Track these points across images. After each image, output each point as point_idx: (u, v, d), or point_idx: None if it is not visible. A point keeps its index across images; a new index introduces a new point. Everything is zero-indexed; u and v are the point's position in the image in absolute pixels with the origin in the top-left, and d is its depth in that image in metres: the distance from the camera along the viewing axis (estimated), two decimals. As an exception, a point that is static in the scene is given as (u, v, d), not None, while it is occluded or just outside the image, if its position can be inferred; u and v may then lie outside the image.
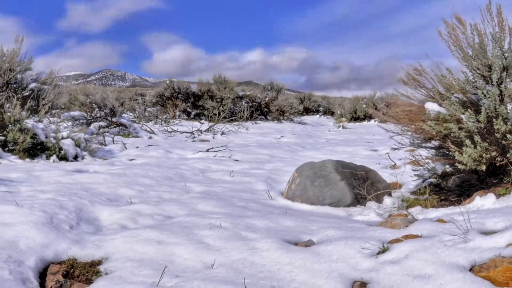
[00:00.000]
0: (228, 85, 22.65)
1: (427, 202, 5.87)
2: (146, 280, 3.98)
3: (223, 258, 4.46)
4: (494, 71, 5.67)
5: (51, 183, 7.25)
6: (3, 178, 7.36)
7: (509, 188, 5.27)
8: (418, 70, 6.30)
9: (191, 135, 16.28)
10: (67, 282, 4.16)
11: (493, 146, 5.54)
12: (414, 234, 4.57)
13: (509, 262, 3.46)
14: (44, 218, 5.25)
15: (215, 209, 6.03)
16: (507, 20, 5.72)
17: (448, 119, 5.82)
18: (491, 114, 5.49)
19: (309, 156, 11.50)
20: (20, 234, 4.70)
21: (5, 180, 7.21)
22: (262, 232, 5.12)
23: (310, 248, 4.63)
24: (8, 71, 11.35)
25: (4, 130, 9.90)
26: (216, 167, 9.78)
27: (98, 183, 7.34)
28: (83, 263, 4.45)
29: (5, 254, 4.27)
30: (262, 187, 7.55)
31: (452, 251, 3.95)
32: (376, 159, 10.72)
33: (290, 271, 4.17)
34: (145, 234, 5.01)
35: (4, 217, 5.10)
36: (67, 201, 6.06)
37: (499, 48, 5.72)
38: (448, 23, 6.03)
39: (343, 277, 3.98)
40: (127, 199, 6.50)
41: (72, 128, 11.31)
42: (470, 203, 5.20)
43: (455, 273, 3.55)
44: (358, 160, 10.14)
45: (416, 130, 6.42)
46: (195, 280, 3.96)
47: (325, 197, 6.44)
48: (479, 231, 4.27)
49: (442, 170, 6.56)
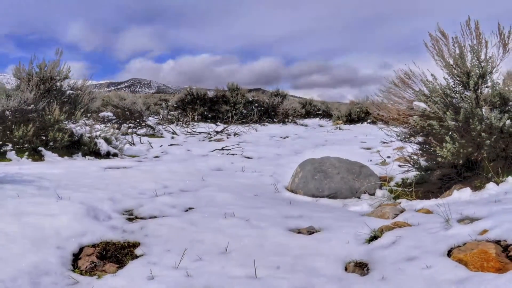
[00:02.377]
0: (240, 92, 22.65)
1: (412, 193, 5.87)
2: (171, 261, 4.01)
3: (236, 243, 4.49)
4: (471, 78, 5.71)
5: (87, 178, 7.29)
6: (47, 173, 7.40)
7: (484, 182, 5.27)
8: (408, 74, 6.34)
9: (208, 135, 16.30)
10: (101, 263, 4.18)
11: (469, 143, 5.60)
12: (401, 222, 4.58)
13: (483, 245, 3.48)
14: (82, 209, 5.29)
15: (230, 200, 6.06)
16: (484, 34, 5.75)
17: (431, 117, 5.88)
18: (468, 115, 5.55)
19: (310, 154, 11.48)
20: (63, 223, 4.74)
21: (48, 174, 7.25)
22: (270, 221, 5.16)
23: (311, 235, 4.65)
24: (50, 80, 11.43)
25: (46, 130, 9.96)
26: (229, 163, 9.79)
27: (129, 178, 7.37)
28: (115, 246, 4.47)
29: (51, 241, 4.32)
30: (269, 181, 7.56)
31: (434, 237, 3.96)
32: (368, 156, 10.69)
33: (294, 251, 4.21)
34: (170, 222, 5.05)
35: (50, 208, 5.14)
36: (102, 194, 6.09)
37: (476, 58, 5.77)
38: (432, 36, 6.06)
39: (340, 259, 4.00)
40: (154, 192, 6.53)
41: (104, 129, 11.34)
42: (449, 195, 5.20)
43: (437, 256, 3.58)
44: (352, 157, 10.11)
45: (403, 124, 6.49)
46: (213, 262, 4.01)
47: (324, 189, 6.45)
48: (457, 220, 4.28)
49: (425, 165, 6.57)
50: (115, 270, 4.03)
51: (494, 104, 5.65)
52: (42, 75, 11.47)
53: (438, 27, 6.07)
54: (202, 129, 17.94)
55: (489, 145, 5.47)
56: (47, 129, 9.93)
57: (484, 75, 5.77)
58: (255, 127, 19.95)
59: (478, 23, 5.80)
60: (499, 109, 5.61)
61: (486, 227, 3.86)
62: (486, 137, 5.42)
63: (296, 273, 3.76)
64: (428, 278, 3.29)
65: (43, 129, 9.94)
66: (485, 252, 3.39)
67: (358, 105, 24.99)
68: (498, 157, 5.60)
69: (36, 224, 4.66)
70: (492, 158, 5.58)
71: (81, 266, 4.09)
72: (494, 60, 5.76)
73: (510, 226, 3.78)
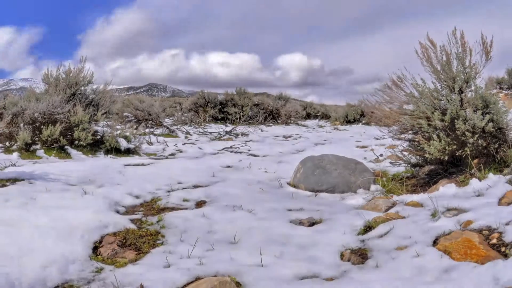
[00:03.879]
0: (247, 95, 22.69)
1: (403, 188, 5.88)
2: (185, 250, 4.04)
3: (244, 233, 4.52)
4: (457, 83, 5.73)
5: (109, 174, 7.32)
6: (73, 170, 7.44)
7: (468, 177, 5.28)
8: (400, 77, 6.35)
9: (218, 135, 16.31)
10: (121, 250, 4.21)
11: (454, 141, 5.64)
12: (393, 214, 4.59)
13: (467, 234, 3.50)
14: (105, 203, 5.34)
15: (238, 194, 6.08)
16: (468, 43, 5.76)
17: (420, 116, 5.92)
18: (453, 116, 5.58)
19: (310, 152, 11.49)
20: (87, 216, 4.78)
21: (74, 171, 7.28)
22: (274, 213, 5.20)
23: (312, 226, 4.68)
24: (75, 84, 11.49)
25: (71, 130, 10.01)
26: (238, 161, 9.81)
27: (146, 174, 7.41)
28: (134, 236, 4.50)
29: (76, 232, 4.36)
30: (274, 177, 7.57)
31: (423, 228, 3.98)
32: (363, 154, 10.68)
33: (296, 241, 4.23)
34: (184, 214, 5.09)
35: (76, 202, 5.22)
36: (122, 189, 6.12)
37: (461, 65, 5.79)
38: (422, 44, 6.08)
39: (337, 248, 4.02)
40: (169, 187, 6.56)
41: (124, 128, 11.39)
42: (436, 189, 5.21)
43: (425, 246, 3.60)
44: (349, 154, 10.11)
45: (395, 122, 6.54)
46: (224, 251, 4.04)
47: (323, 184, 6.46)
48: (444, 212, 4.30)
49: (414, 162, 6.57)
50: (134, 257, 4.06)
51: (477, 106, 5.66)
52: (68, 80, 11.53)
53: (428, 37, 6.09)
54: (213, 130, 17.94)
55: (472, 143, 5.50)
56: (73, 129, 9.97)
57: (468, 80, 5.80)
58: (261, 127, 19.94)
59: (463, 32, 5.82)
60: (482, 111, 5.62)
61: (469, 219, 3.88)
62: (469, 136, 5.45)
63: (298, 261, 3.77)
64: (418, 266, 3.30)
65: (69, 129, 9.99)
66: (469, 241, 3.41)
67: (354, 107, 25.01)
68: (480, 155, 5.62)
69: (63, 217, 4.69)
70: (475, 155, 5.60)
71: (103, 253, 4.12)
72: (477, 67, 5.78)
73: (491, 218, 3.80)
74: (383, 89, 6.70)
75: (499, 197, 4.36)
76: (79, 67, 11.76)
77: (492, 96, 5.77)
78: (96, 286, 3.49)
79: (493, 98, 5.75)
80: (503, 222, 3.67)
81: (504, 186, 4.60)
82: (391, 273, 3.31)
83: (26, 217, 4.61)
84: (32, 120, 10.06)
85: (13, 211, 4.77)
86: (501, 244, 3.32)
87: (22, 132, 9.45)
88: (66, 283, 3.55)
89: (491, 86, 5.99)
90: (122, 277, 3.62)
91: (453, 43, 5.86)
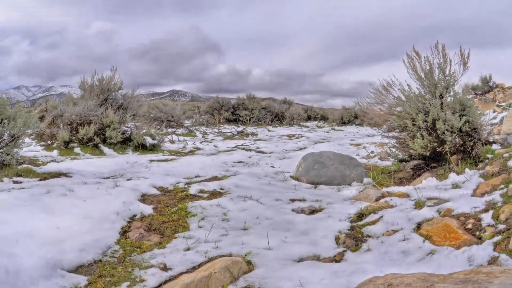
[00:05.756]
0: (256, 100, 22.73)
1: (390, 180, 5.88)
2: (203, 235, 4.09)
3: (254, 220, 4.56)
4: (438, 89, 5.75)
5: (136, 169, 7.37)
6: (105, 165, 7.49)
7: (447, 171, 5.29)
8: (389, 83, 6.37)
9: (231, 135, 16.34)
10: (147, 234, 4.25)
11: (435, 139, 5.69)
12: (382, 203, 4.61)
13: (446, 220, 3.53)
14: (133, 194, 5.40)
15: (248, 186, 6.11)
16: (449, 55, 5.79)
17: (406, 117, 5.95)
18: (435, 117, 5.61)
19: (311, 149, 11.50)
20: (118, 205, 4.85)
21: (106, 166, 7.34)
22: (280, 202, 5.24)
23: (312, 214, 4.70)
24: (107, 90, 11.57)
25: (103, 130, 10.08)
26: (247, 157, 9.83)
27: (169, 168, 7.44)
28: (158, 222, 4.54)
29: (110, 217, 4.43)
30: (279, 171, 7.59)
31: (408, 215, 3.99)
32: (356, 151, 10.68)
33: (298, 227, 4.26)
34: (202, 203, 5.12)
35: (109, 193, 5.29)
36: (147, 181, 6.16)
37: (442, 73, 5.81)
38: (408, 54, 6.09)
39: (334, 232, 4.04)
40: (190, 180, 6.60)
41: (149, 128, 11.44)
42: (420, 182, 5.22)
43: (410, 231, 3.62)
44: (344, 151, 10.14)
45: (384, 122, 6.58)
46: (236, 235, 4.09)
47: (322, 177, 6.47)
48: (426, 202, 4.30)
49: (401, 157, 6.58)
50: (159, 240, 4.11)
51: (455, 109, 5.68)
52: (101, 87, 11.61)
53: (413, 48, 6.11)
54: (227, 130, 17.98)
55: (450, 141, 5.53)
56: (105, 129, 10.04)
57: (448, 86, 5.82)
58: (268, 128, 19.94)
59: (444, 46, 5.84)
60: (459, 113, 5.65)
61: (449, 207, 3.90)
62: (448, 134, 5.50)
63: (301, 244, 3.80)
64: (404, 248, 3.32)
65: (102, 129, 10.06)
66: (448, 226, 3.43)
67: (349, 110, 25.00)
68: (458, 151, 5.63)
69: (97, 206, 4.75)
70: (453, 151, 5.61)
71: (131, 237, 4.17)
72: (456, 75, 5.81)
73: (467, 206, 3.82)
74: (375, 92, 6.71)
75: (474, 189, 4.38)
76: (110, 76, 11.85)
77: (468, 101, 5.80)
78: (125, 265, 3.54)
79: (469, 102, 5.78)
80: (477, 210, 3.70)
81: (478, 179, 4.63)
82: (381, 255, 3.33)
83: (65, 206, 4.67)
84: (70, 121, 10.15)
85: (54, 201, 4.83)
86: (476, 228, 3.34)
87: (61, 132, 9.53)
88: (100, 262, 3.61)
89: (467, 92, 6.01)
90: (148, 258, 3.66)
91: (435, 54, 5.88)
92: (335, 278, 2.94)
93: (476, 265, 2.72)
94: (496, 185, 4.21)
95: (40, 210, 4.48)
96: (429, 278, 2.19)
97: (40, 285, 3.10)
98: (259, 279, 3.09)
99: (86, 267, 3.53)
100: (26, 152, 8.43)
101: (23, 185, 5.59)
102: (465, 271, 2.26)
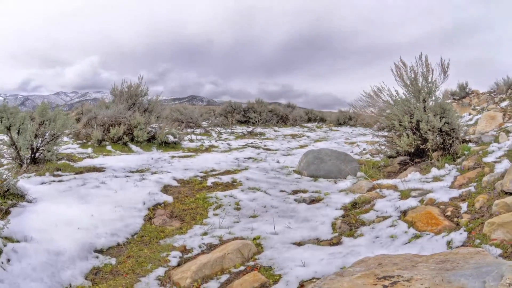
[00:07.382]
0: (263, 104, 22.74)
1: (380, 174, 5.88)
2: (218, 222, 4.12)
3: (262, 209, 4.58)
4: (421, 94, 5.75)
5: (160, 164, 7.41)
6: (133, 160, 7.54)
7: (429, 166, 5.28)
8: (379, 88, 6.37)
9: (242, 134, 16.35)
10: (169, 220, 4.29)
11: (419, 138, 5.70)
12: (373, 193, 4.61)
13: (428, 208, 3.54)
14: (157, 186, 5.45)
15: (257, 179, 6.13)
16: (431, 65, 5.78)
17: (394, 118, 5.97)
18: (419, 119, 5.61)
19: (311, 146, 11.49)
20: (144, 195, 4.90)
21: (134, 162, 7.39)
22: (284, 193, 5.27)
23: (312, 203, 4.71)
24: (134, 96, 11.66)
25: (131, 130, 10.14)
26: (256, 154, 9.83)
27: (188, 164, 7.46)
28: (179, 209, 4.58)
29: (137, 206, 4.48)
30: (283, 166, 7.59)
31: (395, 204, 4.00)
32: (350, 148, 10.65)
33: (300, 215, 4.27)
34: (216, 194, 5.14)
35: (136, 185, 5.35)
36: (169, 175, 6.20)
37: (425, 81, 5.81)
38: (396, 64, 6.08)
39: (331, 219, 4.06)
40: (207, 173, 6.62)
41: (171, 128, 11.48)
42: (405, 176, 5.21)
43: (397, 218, 3.63)
44: (340, 148, 10.13)
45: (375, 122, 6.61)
46: (247, 222, 4.12)
47: (321, 171, 6.47)
48: (411, 192, 4.31)
49: (389, 154, 6.58)
50: (179, 225, 4.15)
51: (436, 112, 5.68)
52: (129, 93, 11.69)
53: (400, 59, 6.10)
54: (238, 130, 17.98)
55: (432, 139, 5.54)
56: (132, 129, 10.11)
57: (430, 92, 5.81)
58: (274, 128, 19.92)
59: (427, 56, 5.83)
60: (440, 115, 5.65)
61: (431, 197, 3.90)
62: (430, 134, 5.51)
63: (302, 229, 3.83)
64: (392, 233, 3.33)
65: (130, 129, 10.12)
66: (430, 213, 3.44)
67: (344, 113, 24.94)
68: (439, 148, 5.63)
69: (126, 196, 4.80)
70: (434, 149, 5.61)
71: (156, 222, 4.22)
72: (437, 82, 5.80)
73: (446, 196, 3.82)
74: (367, 96, 6.71)
75: (452, 181, 4.38)
76: (137, 83, 11.92)
77: (447, 105, 5.80)
78: (150, 247, 3.59)
79: (448, 106, 5.78)
80: (456, 199, 3.71)
81: (456, 173, 4.64)
82: (372, 239, 3.35)
83: (98, 196, 4.73)
84: (103, 123, 10.23)
85: (88, 192, 4.89)
86: (454, 215, 3.34)
87: (95, 132, 9.60)
88: (129, 245, 3.65)
89: (447, 97, 6.03)
90: (170, 241, 3.70)
91: (419, 64, 5.87)
92: (332, 259, 2.96)
93: (454, 247, 2.73)
94: (471, 178, 4.21)
95: (76, 200, 4.54)
96: (413, 259, 2.21)
97: (77, 265, 3.15)
98: (266, 260, 3.13)
99: (116, 249, 3.59)
100: (64, 149, 8.49)
101: (62, 178, 5.66)
102: (445, 252, 2.28)
